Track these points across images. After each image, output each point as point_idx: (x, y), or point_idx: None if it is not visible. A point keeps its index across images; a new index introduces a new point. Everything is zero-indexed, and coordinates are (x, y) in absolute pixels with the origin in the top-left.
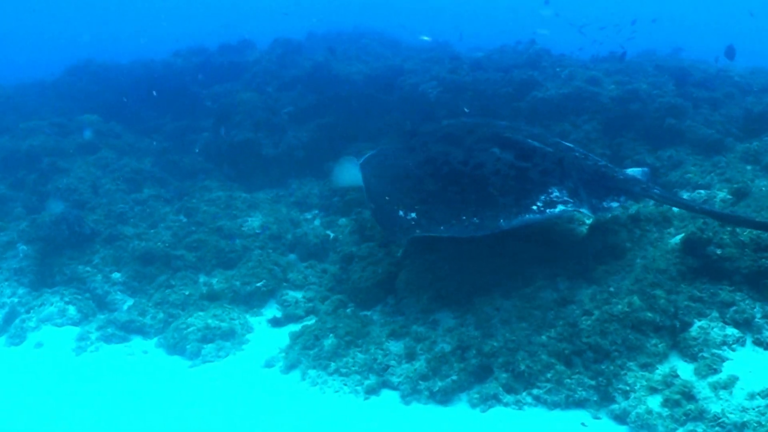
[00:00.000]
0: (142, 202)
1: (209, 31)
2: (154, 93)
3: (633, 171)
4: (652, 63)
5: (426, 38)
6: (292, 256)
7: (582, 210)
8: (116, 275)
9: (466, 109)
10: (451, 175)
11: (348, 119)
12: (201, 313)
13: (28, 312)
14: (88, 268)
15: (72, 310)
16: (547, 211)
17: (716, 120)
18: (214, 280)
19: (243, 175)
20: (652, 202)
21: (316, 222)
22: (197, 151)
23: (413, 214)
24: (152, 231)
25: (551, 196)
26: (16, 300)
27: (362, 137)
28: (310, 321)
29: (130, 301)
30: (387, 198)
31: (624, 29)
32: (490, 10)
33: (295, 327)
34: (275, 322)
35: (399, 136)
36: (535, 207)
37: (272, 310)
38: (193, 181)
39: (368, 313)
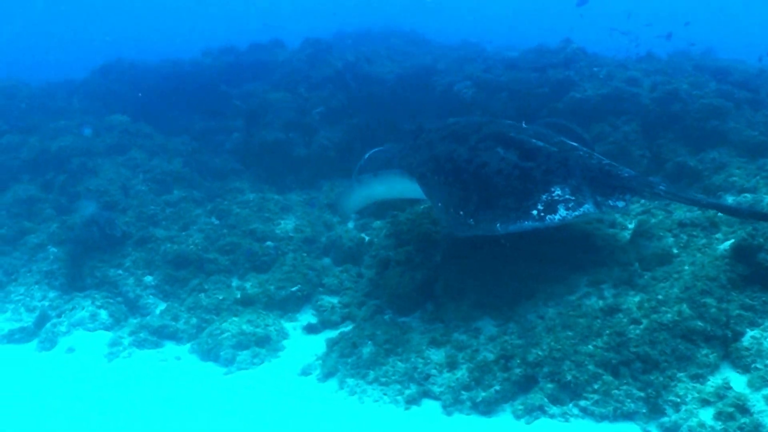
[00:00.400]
0: (173, 204)
1: (239, 30)
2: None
3: None
4: (691, 62)
5: None
6: (326, 260)
7: (583, 209)
8: (148, 279)
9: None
10: (455, 173)
11: (380, 119)
12: (235, 319)
13: (59, 316)
14: (119, 272)
15: (104, 314)
16: (547, 217)
17: (759, 121)
18: (248, 285)
19: (274, 175)
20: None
21: (350, 225)
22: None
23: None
24: (184, 234)
25: (553, 195)
26: (46, 303)
27: (394, 137)
28: (347, 327)
29: (162, 306)
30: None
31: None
32: (518, 10)
33: (331, 333)
34: (311, 329)
35: (403, 134)
36: (535, 211)
37: (308, 316)
38: (224, 182)
39: (407, 319)
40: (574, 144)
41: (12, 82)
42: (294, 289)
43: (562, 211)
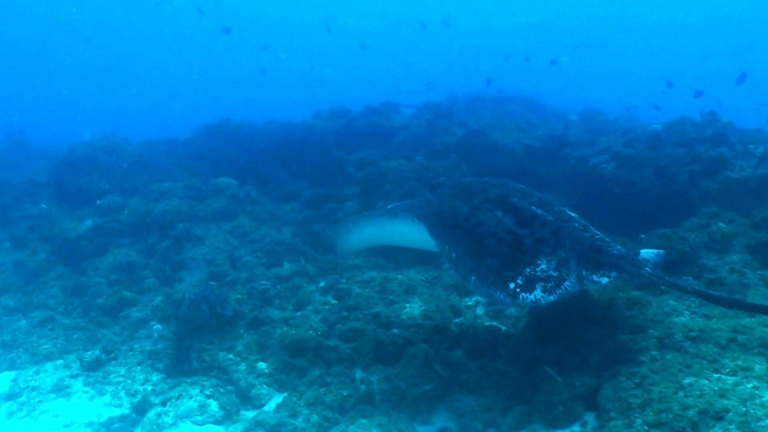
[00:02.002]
0: (285, 279)
1: (347, 93)
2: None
3: (647, 252)
4: None
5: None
6: (458, 352)
7: (561, 290)
8: (262, 366)
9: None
10: (454, 229)
11: None
12: (364, 421)
13: (164, 404)
14: (230, 356)
15: (214, 405)
16: (521, 296)
17: None
18: (374, 378)
19: (390, 249)
20: None
21: (479, 310)
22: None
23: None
24: (299, 314)
25: (537, 270)
26: (149, 388)
27: None
28: None
29: (277, 398)
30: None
31: None
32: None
33: None
34: None
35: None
36: (512, 284)
37: (443, 419)
38: (337, 255)
39: None
40: (573, 215)
41: (115, 139)
42: (428, 387)
43: (538, 293)
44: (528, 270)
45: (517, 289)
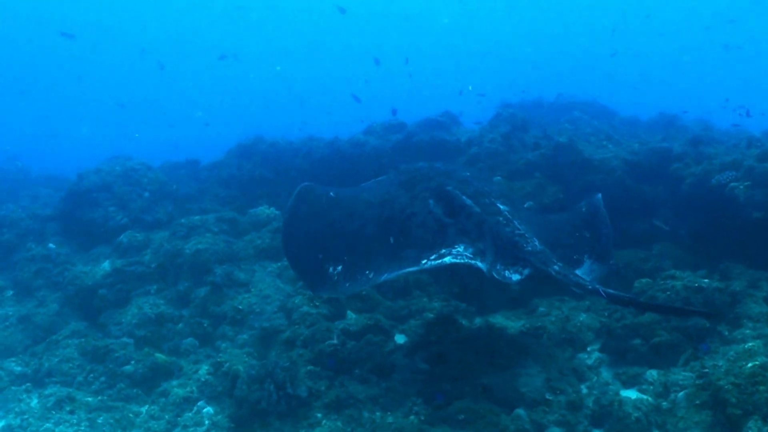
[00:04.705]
0: (356, 336)
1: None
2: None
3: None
4: None
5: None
6: None
7: (471, 262)
8: None
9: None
10: (389, 222)
11: None
12: None
13: None
14: None
15: None
16: (428, 263)
17: None
18: None
19: (473, 289)
20: None
21: (604, 373)
22: None
23: (340, 267)
24: (384, 385)
25: (452, 251)
26: None
27: (621, 243)
28: None
29: None
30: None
31: None
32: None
33: None
34: None
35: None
36: (425, 260)
37: None
38: (408, 301)
39: None
40: (501, 207)
41: (132, 163)
42: None
43: (447, 258)
44: (444, 251)
45: (427, 262)
